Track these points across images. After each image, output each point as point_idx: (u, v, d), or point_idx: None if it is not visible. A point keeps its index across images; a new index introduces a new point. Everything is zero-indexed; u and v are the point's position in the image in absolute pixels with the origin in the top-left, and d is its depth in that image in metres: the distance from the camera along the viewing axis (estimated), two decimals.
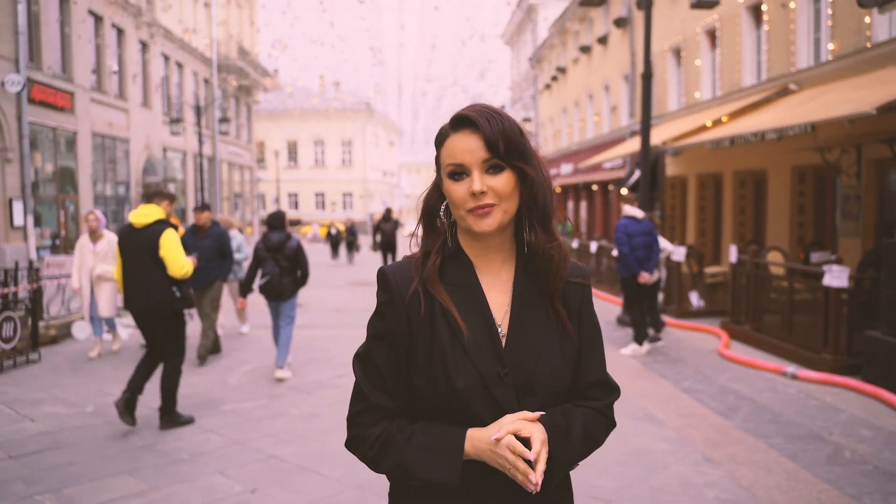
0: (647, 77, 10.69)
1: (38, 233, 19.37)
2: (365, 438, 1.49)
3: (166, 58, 28.28)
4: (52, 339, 9.33)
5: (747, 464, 4.79)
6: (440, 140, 1.52)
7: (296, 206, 57.60)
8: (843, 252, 11.12)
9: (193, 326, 8.92)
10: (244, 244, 9.87)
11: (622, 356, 8.42)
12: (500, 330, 1.48)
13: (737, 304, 9.56)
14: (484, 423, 1.43)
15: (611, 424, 1.59)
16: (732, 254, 9.72)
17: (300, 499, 4.22)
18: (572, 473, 1.50)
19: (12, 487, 4.38)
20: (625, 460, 4.88)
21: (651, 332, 8.86)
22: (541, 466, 1.35)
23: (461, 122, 1.48)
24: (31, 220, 18.72)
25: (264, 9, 36.74)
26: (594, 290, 14.61)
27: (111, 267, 8.32)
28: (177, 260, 5.62)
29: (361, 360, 1.53)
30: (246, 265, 9.47)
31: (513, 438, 1.37)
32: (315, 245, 37.42)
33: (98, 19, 22.75)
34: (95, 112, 22.18)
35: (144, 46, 26.22)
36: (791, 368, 7.36)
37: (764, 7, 14.00)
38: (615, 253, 8.70)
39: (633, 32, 21.26)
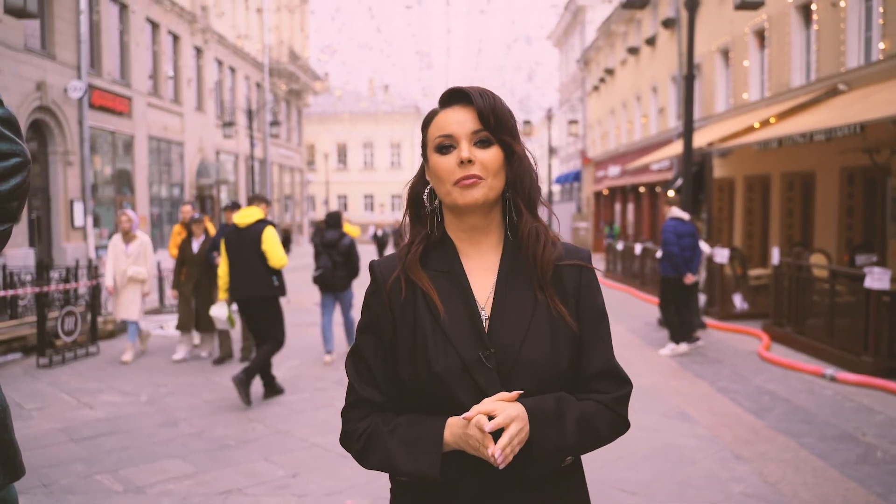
0: (690, 79, 10.71)
1: (97, 233, 20.12)
2: (353, 433, 1.48)
3: (220, 63, 29.02)
4: (110, 334, 9.79)
5: (776, 461, 4.86)
6: (427, 121, 1.51)
7: (345, 207, 58.32)
8: (893, 254, 10.96)
9: (237, 329, 8.76)
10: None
11: (660, 356, 8.48)
12: (483, 313, 1.45)
13: (779, 306, 9.52)
14: (465, 408, 1.38)
15: (620, 421, 1.50)
16: (775, 256, 9.68)
17: (339, 485, 4.43)
18: (598, 467, 1.59)
19: (74, 467, 4.70)
20: (653, 455, 4.99)
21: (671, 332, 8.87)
22: (503, 440, 1.30)
23: (452, 96, 1.49)
24: (90, 220, 19.47)
25: (314, 15, 37.41)
26: (634, 291, 14.74)
27: (143, 269, 8.29)
28: (276, 252, 6.50)
29: (352, 355, 1.53)
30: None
31: (482, 417, 1.31)
32: (362, 246, 37.89)
33: (155, 26, 23.51)
34: (152, 116, 22.92)
35: (199, 52, 26.97)
36: (830, 370, 7.34)
37: (813, 6, 13.84)
38: (659, 254, 8.74)
39: (681, 33, 21.09)
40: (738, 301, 11.47)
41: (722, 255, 11.16)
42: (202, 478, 4.56)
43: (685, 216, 8.51)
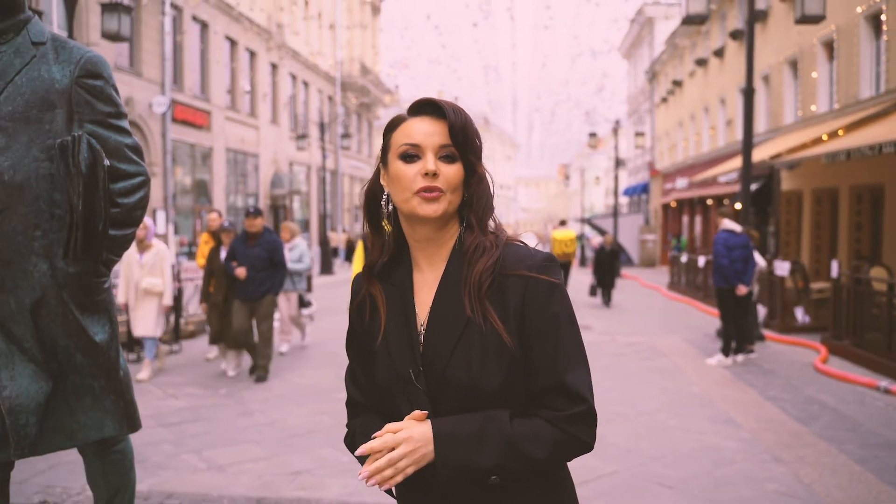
0: (749, 93, 10.81)
1: (178, 240, 21.17)
2: (347, 429, 1.58)
3: (293, 77, 30.08)
4: (191, 334, 10.49)
5: (814, 464, 5.04)
6: (394, 125, 1.51)
7: None
8: None
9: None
10: (307, 253, 9.35)
11: (709, 365, 8.65)
12: (421, 329, 1.47)
13: (837, 319, 9.54)
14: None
15: (570, 441, 1.40)
16: (834, 269, 9.71)
17: None
18: (639, 463, 1.70)
19: (163, 447, 5.26)
20: (695, 455, 5.24)
21: (734, 344, 8.97)
22: (376, 464, 1.35)
23: (424, 107, 1.48)
24: (171, 228, 20.53)
25: (384, 32, 38.56)
26: (696, 303, 14.76)
27: (159, 280, 7.56)
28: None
29: (348, 356, 1.61)
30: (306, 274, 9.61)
31: (382, 438, 1.37)
32: None
33: (233, 44, 24.61)
34: (229, 129, 23.99)
35: (274, 67, 28.03)
36: (884, 383, 7.39)
37: (883, 17, 13.70)
38: (701, 263, 8.90)
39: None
40: (800, 314, 11.46)
41: (783, 268, 11.19)
42: (274, 460, 5.04)
43: (737, 228, 8.66)
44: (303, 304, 9.63)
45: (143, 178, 2.33)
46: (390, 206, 1.51)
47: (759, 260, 9.59)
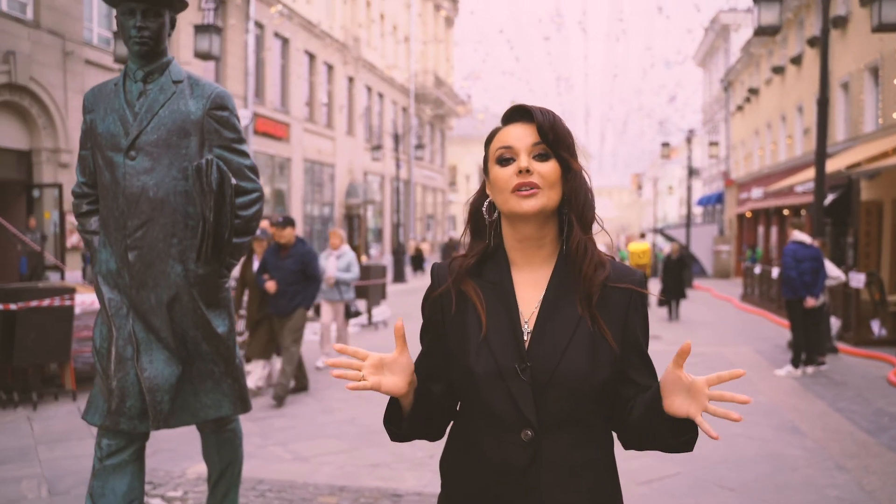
0: (823, 104, 10.76)
1: None
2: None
3: (369, 89, 30.85)
4: None
5: (878, 473, 5.13)
6: (490, 137, 1.60)
7: None
8: None
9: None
10: (355, 262, 9.10)
11: (778, 376, 8.68)
12: (526, 326, 1.51)
13: None
14: (500, 417, 1.48)
15: None
16: None
17: None
18: (703, 467, 1.80)
19: (252, 439, 5.69)
20: (758, 460, 5.38)
21: (805, 355, 8.94)
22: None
23: (514, 114, 1.56)
24: None
25: (458, 46, 39.13)
26: (769, 315, 14.59)
27: None
28: None
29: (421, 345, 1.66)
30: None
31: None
32: None
33: (312, 58, 25.47)
34: (307, 140, 24.82)
35: (350, 80, 28.84)
36: None
37: None
38: (775, 274, 8.92)
39: (828, 52, 20.59)
40: (876, 327, 11.28)
41: (858, 280, 11.05)
42: (354, 454, 5.42)
43: (807, 240, 8.67)
44: (350, 314, 9.39)
45: (259, 193, 2.73)
46: (494, 214, 1.58)
47: (836, 272, 9.52)
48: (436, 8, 37.93)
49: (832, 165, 16.82)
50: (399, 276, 25.13)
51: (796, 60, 23.47)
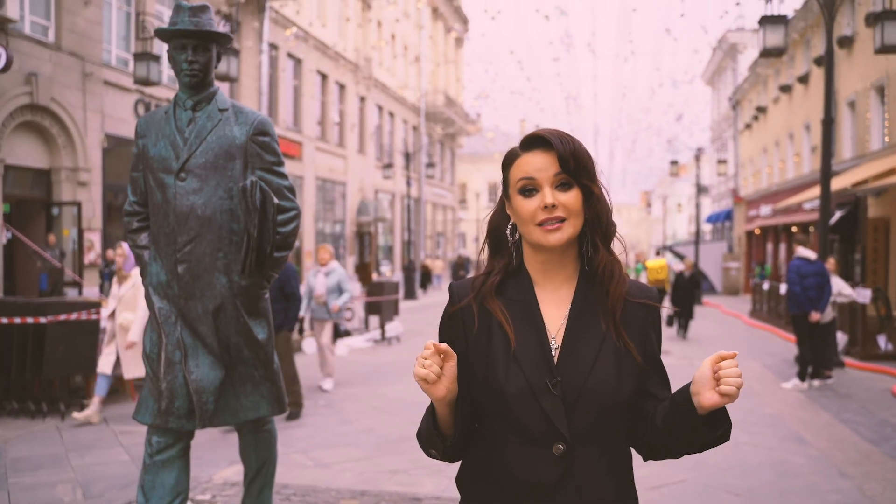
0: (828, 123, 10.97)
1: None
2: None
3: (380, 108, 31.25)
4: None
5: (879, 480, 5.30)
6: (510, 160, 1.60)
7: None
8: None
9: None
10: (346, 279, 8.70)
11: (785, 389, 8.85)
12: (553, 342, 1.54)
13: None
14: (530, 432, 1.50)
15: None
16: None
17: None
18: (711, 474, 1.91)
19: None
20: (763, 468, 5.56)
21: (811, 369, 9.10)
22: (734, 364, 1.44)
23: (534, 141, 1.57)
24: None
25: (469, 67, 39.81)
26: (778, 330, 14.71)
27: (131, 315, 6.70)
28: None
29: None
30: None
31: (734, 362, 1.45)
32: None
33: (324, 78, 25.88)
34: (319, 159, 25.18)
35: (362, 99, 29.25)
36: None
37: None
38: (783, 290, 9.11)
39: (835, 71, 20.81)
40: (883, 342, 11.41)
41: (864, 296, 11.21)
42: (373, 461, 5.63)
43: (811, 256, 8.86)
44: (339, 334, 8.96)
45: (297, 211, 2.97)
46: (516, 235, 1.61)
47: (848, 290, 9.68)
48: (446, 30, 38.42)
49: (839, 183, 17.01)
50: (410, 293, 25.34)
51: (803, 79, 23.71)
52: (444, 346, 1.48)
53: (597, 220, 1.56)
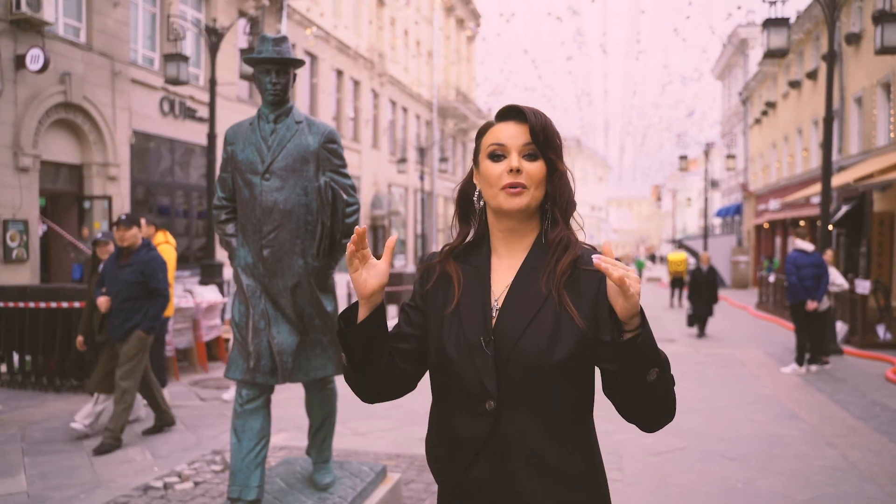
0: (829, 121, 11.47)
1: None
2: None
3: (393, 103, 31.83)
4: None
5: (862, 449, 5.85)
6: (484, 130, 1.66)
7: None
8: None
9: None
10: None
11: (784, 373, 9.40)
12: (495, 304, 1.59)
13: None
14: (466, 388, 1.55)
15: (673, 395, 1.54)
16: None
17: None
18: (707, 443, 2.23)
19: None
20: (757, 439, 6.12)
21: (807, 355, 9.63)
22: (621, 265, 1.37)
23: (509, 113, 1.63)
24: None
25: (483, 65, 40.32)
26: (783, 321, 15.18)
27: None
28: None
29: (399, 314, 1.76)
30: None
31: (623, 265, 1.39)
32: None
33: (339, 74, 26.47)
34: None
35: (375, 94, 29.83)
36: None
37: None
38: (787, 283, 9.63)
39: (843, 67, 21.27)
40: (882, 331, 11.92)
41: (863, 287, 11.71)
42: (403, 430, 6.24)
43: (808, 248, 9.39)
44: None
45: (358, 205, 3.54)
46: (481, 202, 1.68)
47: (840, 280, 10.21)
48: (459, 26, 38.93)
49: (844, 178, 17.47)
50: None
51: (812, 75, 24.10)
52: (369, 253, 1.55)
53: (558, 195, 1.61)
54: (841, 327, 11.97)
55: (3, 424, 6.34)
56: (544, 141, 1.58)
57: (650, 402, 1.50)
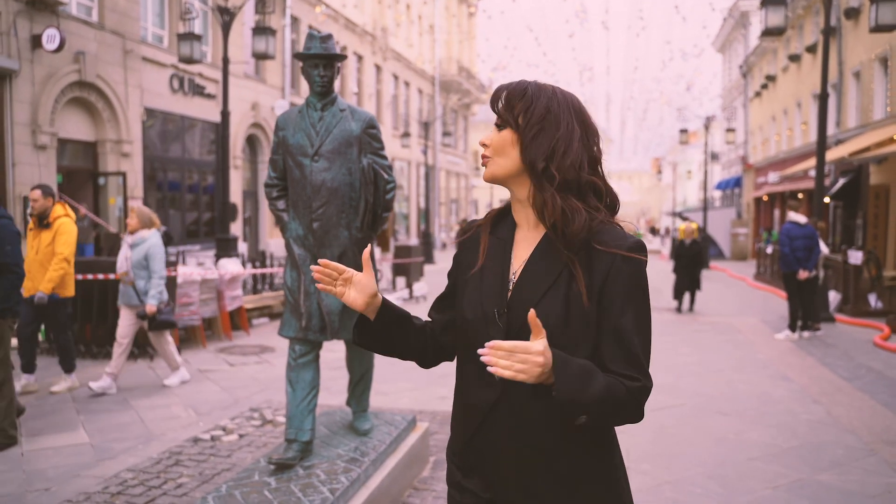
0: (824, 98, 11.85)
1: None
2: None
3: (396, 78, 32.08)
4: None
5: (845, 406, 6.35)
6: None
7: None
8: None
9: None
10: (158, 255, 6.64)
11: (777, 339, 9.90)
12: (513, 278, 1.60)
13: None
14: (478, 358, 1.45)
15: (636, 408, 1.50)
16: None
17: None
18: (703, 402, 2.53)
19: (337, 382, 7.00)
20: (748, 397, 6.63)
21: (800, 322, 10.12)
22: (504, 345, 1.37)
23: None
24: None
25: (488, 41, 40.35)
26: (779, 291, 15.68)
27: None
28: None
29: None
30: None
31: (519, 343, 1.39)
32: None
33: (342, 49, 26.72)
34: None
35: (378, 69, 30.08)
36: None
37: None
38: (769, 250, 10.09)
39: (842, 41, 21.57)
40: (873, 300, 12.41)
41: (856, 258, 12.19)
42: (423, 391, 6.74)
43: (801, 220, 9.84)
44: (155, 324, 6.69)
45: (395, 183, 3.98)
46: None
47: (823, 247, 10.70)
48: (460, 1, 39.05)
49: (841, 151, 17.85)
50: (428, 259, 26.43)
51: (811, 49, 24.35)
52: (349, 270, 1.67)
53: (531, 166, 1.55)
54: (834, 297, 12.45)
55: (51, 389, 6.82)
56: (505, 109, 1.57)
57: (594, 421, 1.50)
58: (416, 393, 6.67)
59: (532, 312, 1.40)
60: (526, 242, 1.63)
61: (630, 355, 1.51)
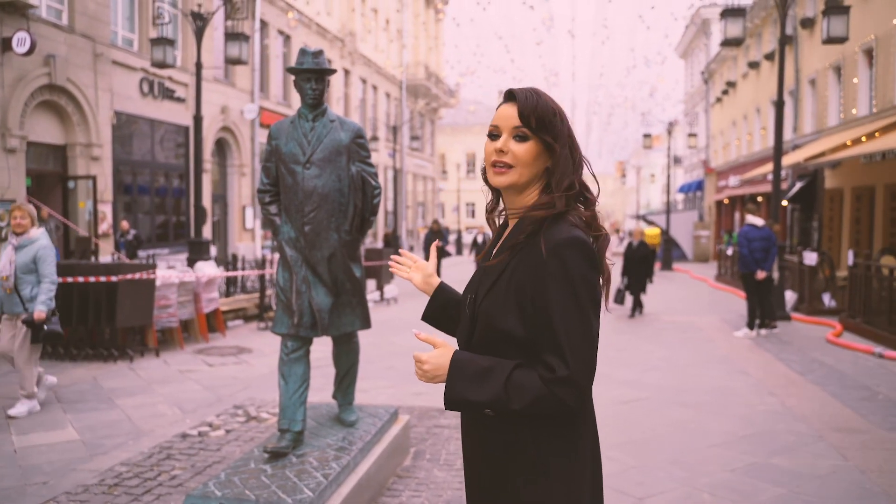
0: (780, 104, 12.36)
1: (263, 234, 23.49)
2: None
3: (364, 81, 32.28)
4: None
5: (798, 397, 6.76)
6: (496, 110, 1.74)
7: (472, 214, 61.26)
8: None
9: None
10: (48, 257, 5.99)
11: (737, 337, 10.35)
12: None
13: (852, 300, 11.08)
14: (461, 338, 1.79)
15: (554, 402, 1.54)
16: (850, 258, 11.24)
17: None
18: (667, 396, 2.86)
19: (318, 380, 7.21)
20: (711, 391, 7.01)
21: (758, 320, 10.58)
22: (417, 357, 1.67)
23: (508, 95, 1.72)
24: (258, 223, 22.85)
25: (456, 48, 40.83)
26: (739, 292, 16.21)
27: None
28: None
29: None
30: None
31: (427, 354, 1.66)
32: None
33: None
34: None
35: (346, 73, 30.26)
36: (879, 349, 8.96)
37: None
38: (730, 251, 10.52)
39: (798, 50, 22.31)
40: (827, 299, 12.95)
41: (810, 259, 12.72)
42: (399, 388, 7.01)
43: (759, 222, 10.30)
44: (40, 334, 5.91)
45: (380, 189, 4.25)
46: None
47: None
48: (427, 2, 39.33)
49: (797, 157, 18.49)
50: None
51: (770, 57, 25.08)
52: (404, 252, 2.06)
53: (554, 171, 1.68)
54: (790, 296, 12.97)
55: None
56: (538, 124, 1.65)
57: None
58: (393, 390, 6.94)
59: (417, 334, 1.70)
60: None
61: (555, 345, 1.55)
